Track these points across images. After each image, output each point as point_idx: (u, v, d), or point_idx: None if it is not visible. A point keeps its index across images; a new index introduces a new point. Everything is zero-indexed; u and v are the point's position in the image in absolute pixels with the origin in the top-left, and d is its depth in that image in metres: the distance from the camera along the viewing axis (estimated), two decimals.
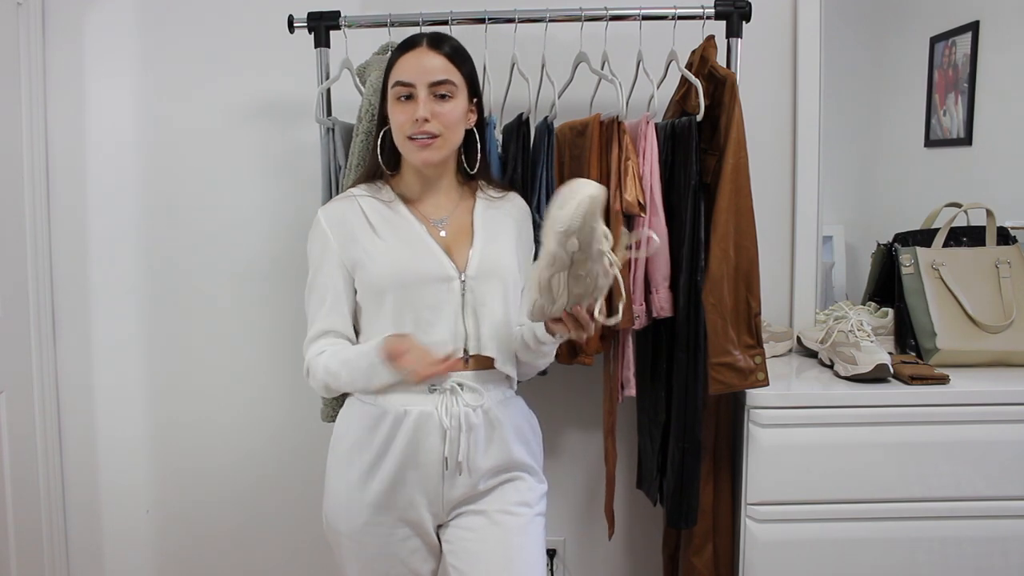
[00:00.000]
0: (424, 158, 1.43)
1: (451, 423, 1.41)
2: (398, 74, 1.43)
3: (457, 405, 1.42)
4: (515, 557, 1.43)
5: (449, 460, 1.42)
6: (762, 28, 1.91)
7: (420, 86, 1.40)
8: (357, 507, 1.44)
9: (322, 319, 1.47)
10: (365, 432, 1.44)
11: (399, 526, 1.45)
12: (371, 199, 1.49)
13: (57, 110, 2.16)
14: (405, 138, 1.42)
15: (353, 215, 1.47)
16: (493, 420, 1.45)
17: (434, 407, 1.42)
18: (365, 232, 1.45)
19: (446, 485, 1.44)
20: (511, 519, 1.45)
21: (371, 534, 1.44)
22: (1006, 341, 1.88)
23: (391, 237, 1.45)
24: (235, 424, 2.23)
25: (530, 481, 1.50)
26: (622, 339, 1.78)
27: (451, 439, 1.41)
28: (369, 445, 1.43)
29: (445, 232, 1.48)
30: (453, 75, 1.42)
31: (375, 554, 1.46)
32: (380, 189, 1.51)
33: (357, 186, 1.53)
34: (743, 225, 1.67)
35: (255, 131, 2.14)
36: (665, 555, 2.01)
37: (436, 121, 1.40)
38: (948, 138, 2.27)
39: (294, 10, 1.83)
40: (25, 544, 2.12)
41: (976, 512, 1.71)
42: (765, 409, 1.71)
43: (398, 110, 1.42)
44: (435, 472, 1.43)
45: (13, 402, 2.08)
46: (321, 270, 1.47)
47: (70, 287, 2.21)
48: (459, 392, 1.43)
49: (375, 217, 1.47)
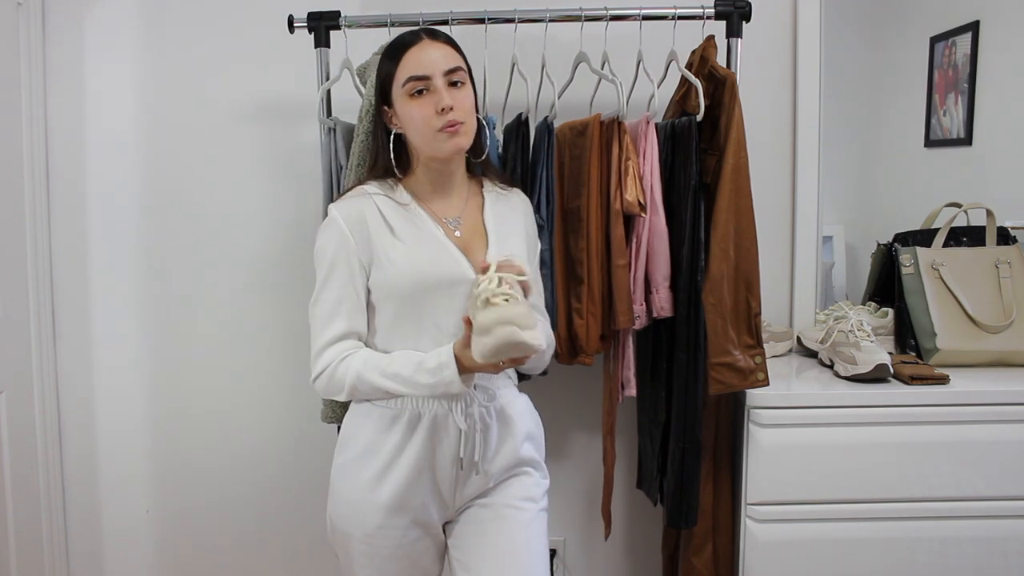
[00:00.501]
0: (457, 144, 1.39)
1: (467, 424, 1.41)
2: (409, 69, 1.38)
3: (472, 405, 1.42)
4: (520, 551, 1.43)
5: (465, 460, 1.42)
6: (762, 28, 1.91)
7: (436, 76, 1.37)
8: (370, 510, 1.42)
9: (342, 321, 1.41)
10: (378, 434, 1.43)
11: (412, 528, 1.44)
12: (385, 198, 1.44)
13: (57, 109, 2.16)
14: (434, 132, 1.38)
15: (371, 214, 1.42)
16: (506, 419, 1.46)
17: (449, 408, 1.41)
18: (383, 232, 1.41)
19: (459, 485, 1.44)
20: (517, 513, 1.45)
21: (384, 536, 1.43)
22: (1006, 341, 1.88)
23: (410, 239, 1.42)
24: (235, 424, 2.23)
25: (535, 476, 1.50)
26: (622, 339, 1.78)
27: (467, 439, 1.41)
28: (382, 447, 1.42)
29: (460, 232, 1.46)
30: (460, 62, 1.41)
31: (388, 556, 1.44)
32: (393, 189, 1.46)
33: (369, 183, 1.48)
34: (743, 225, 1.67)
35: (255, 131, 2.14)
36: (665, 555, 2.01)
37: (459, 109, 1.38)
38: (948, 138, 2.27)
39: (294, 10, 1.83)
40: (25, 544, 2.11)
41: (976, 512, 1.71)
42: (765, 409, 1.71)
43: (416, 106, 1.38)
44: (450, 473, 1.43)
45: (13, 402, 2.08)
46: (337, 269, 1.41)
47: (70, 287, 2.21)
48: (473, 392, 1.42)
49: (393, 217, 1.43)
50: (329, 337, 1.41)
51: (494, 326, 1.24)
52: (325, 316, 1.42)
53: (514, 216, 1.52)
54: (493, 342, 1.24)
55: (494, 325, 1.24)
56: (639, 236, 1.70)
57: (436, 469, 1.43)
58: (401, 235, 1.42)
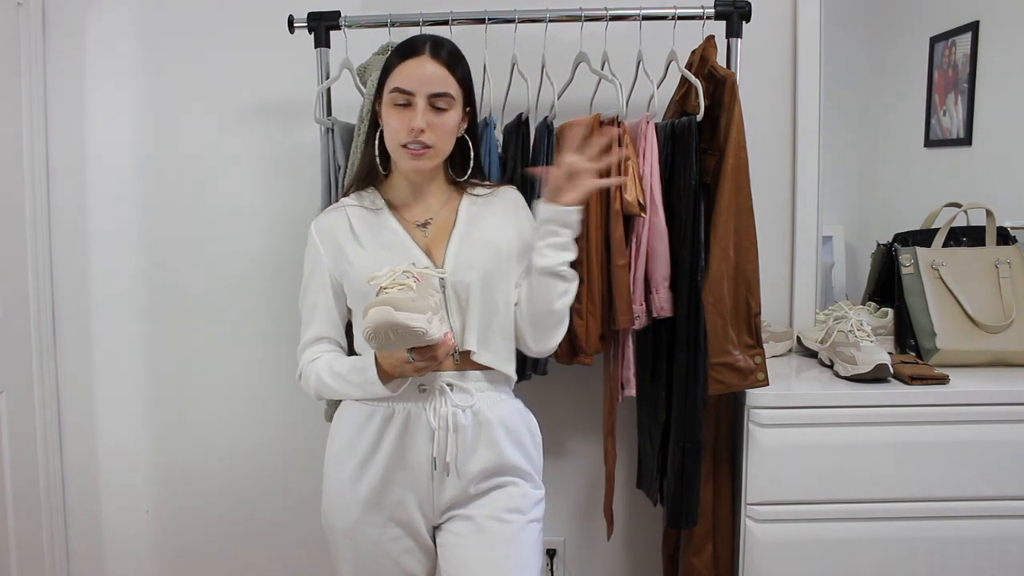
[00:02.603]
0: (415, 166, 1.44)
1: (439, 423, 1.41)
2: (398, 80, 1.42)
3: (445, 405, 1.42)
4: (500, 564, 1.42)
5: (437, 461, 1.42)
6: (762, 28, 1.91)
7: (419, 95, 1.41)
8: (349, 504, 1.45)
9: (314, 327, 1.51)
10: (355, 431, 1.45)
11: (390, 525, 1.45)
12: (359, 208, 1.51)
13: (57, 110, 2.16)
14: (399, 145, 1.43)
15: (340, 226, 1.50)
16: (483, 421, 1.44)
17: (422, 407, 1.42)
18: (349, 242, 1.48)
19: (436, 486, 1.44)
20: (500, 526, 1.43)
21: (363, 532, 1.45)
22: (1006, 341, 1.88)
23: (371, 243, 1.46)
24: (235, 424, 2.24)
25: (524, 487, 1.48)
26: (622, 339, 1.78)
27: (439, 440, 1.41)
28: (359, 443, 1.44)
29: (427, 233, 1.49)
30: (451, 87, 1.43)
31: (367, 552, 1.46)
32: (369, 196, 1.53)
33: (349, 195, 1.55)
34: (743, 225, 1.67)
35: (255, 131, 2.14)
36: (665, 555, 2.01)
37: (431, 132, 1.41)
38: (948, 138, 2.27)
39: (294, 10, 1.83)
40: (25, 544, 2.12)
41: (976, 512, 1.71)
42: (765, 409, 1.71)
43: (394, 116, 1.43)
44: (424, 473, 1.43)
45: (13, 402, 2.08)
46: (312, 281, 1.51)
47: (70, 287, 2.21)
48: (448, 392, 1.42)
49: (359, 226, 1.49)
50: (306, 339, 1.52)
51: (370, 308, 1.25)
52: (305, 319, 1.53)
53: (502, 210, 1.52)
54: (369, 323, 1.24)
55: (370, 307, 1.25)
56: (639, 236, 1.70)
57: (410, 468, 1.43)
58: (364, 241, 1.47)
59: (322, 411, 1.84)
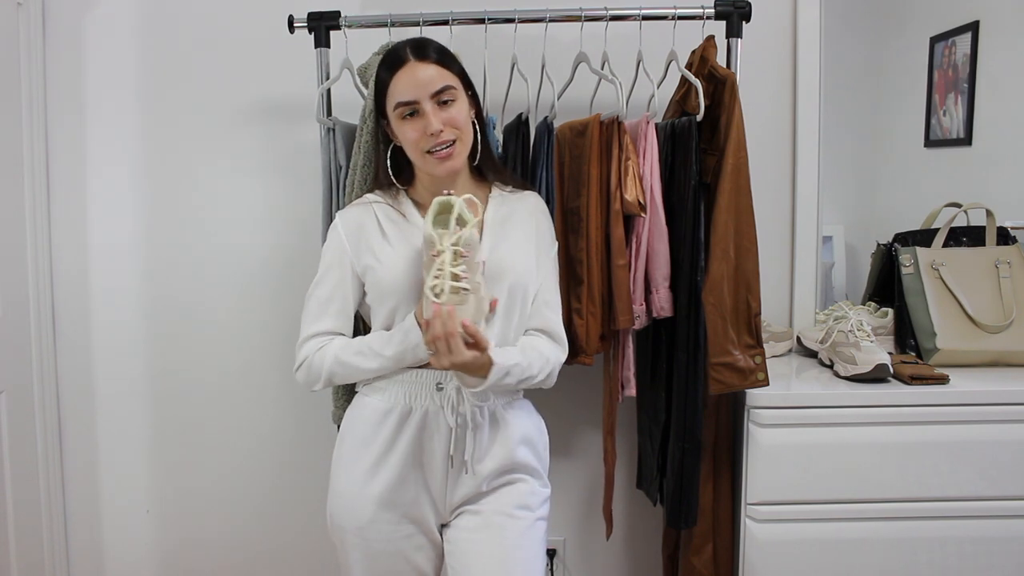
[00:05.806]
0: (448, 168, 1.44)
1: (457, 422, 1.42)
2: (397, 95, 1.42)
3: (463, 404, 1.42)
4: (508, 560, 1.43)
5: (455, 459, 1.43)
6: (762, 28, 1.91)
7: (423, 100, 1.41)
8: (363, 502, 1.44)
9: (325, 321, 1.48)
10: (371, 427, 1.45)
11: (404, 523, 1.46)
12: (386, 206, 1.50)
13: (57, 109, 2.16)
14: (423, 153, 1.43)
15: (368, 222, 1.49)
16: (499, 421, 1.46)
17: (440, 405, 1.42)
18: (377, 238, 1.47)
19: (450, 484, 1.45)
20: (509, 522, 1.45)
21: (376, 530, 1.45)
22: (1006, 341, 1.88)
23: (400, 244, 1.46)
24: (235, 423, 2.23)
25: (533, 484, 1.50)
26: (622, 339, 1.78)
27: (456, 438, 1.42)
28: (375, 440, 1.44)
29: None
30: (449, 79, 1.43)
31: (380, 551, 1.46)
32: (396, 197, 1.52)
33: (374, 192, 1.54)
34: (743, 225, 1.67)
35: (255, 131, 2.14)
36: (665, 555, 2.01)
37: (449, 128, 1.42)
38: (948, 138, 2.27)
39: (294, 10, 1.83)
40: (25, 544, 2.12)
41: (976, 512, 1.71)
42: (765, 409, 1.71)
43: (407, 128, 1.43)
44: (440, 470, 1.44)
45: (13, 402, 2.08)
46: (331, 272, 1.49)
47: (70, 287, 2.21)
48: (464, 391, 1.43)
49: (388, 224, 1.48)
50: (313, 331, 1.48)
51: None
52: (313, 312, 1.49)
53: (525, 216, 1.53)
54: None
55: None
56: (639, 236, 1.70)
57: (426, 465, 1.44)
58: (393, 240, 1.47)
59: (326, 413, 1.83)
